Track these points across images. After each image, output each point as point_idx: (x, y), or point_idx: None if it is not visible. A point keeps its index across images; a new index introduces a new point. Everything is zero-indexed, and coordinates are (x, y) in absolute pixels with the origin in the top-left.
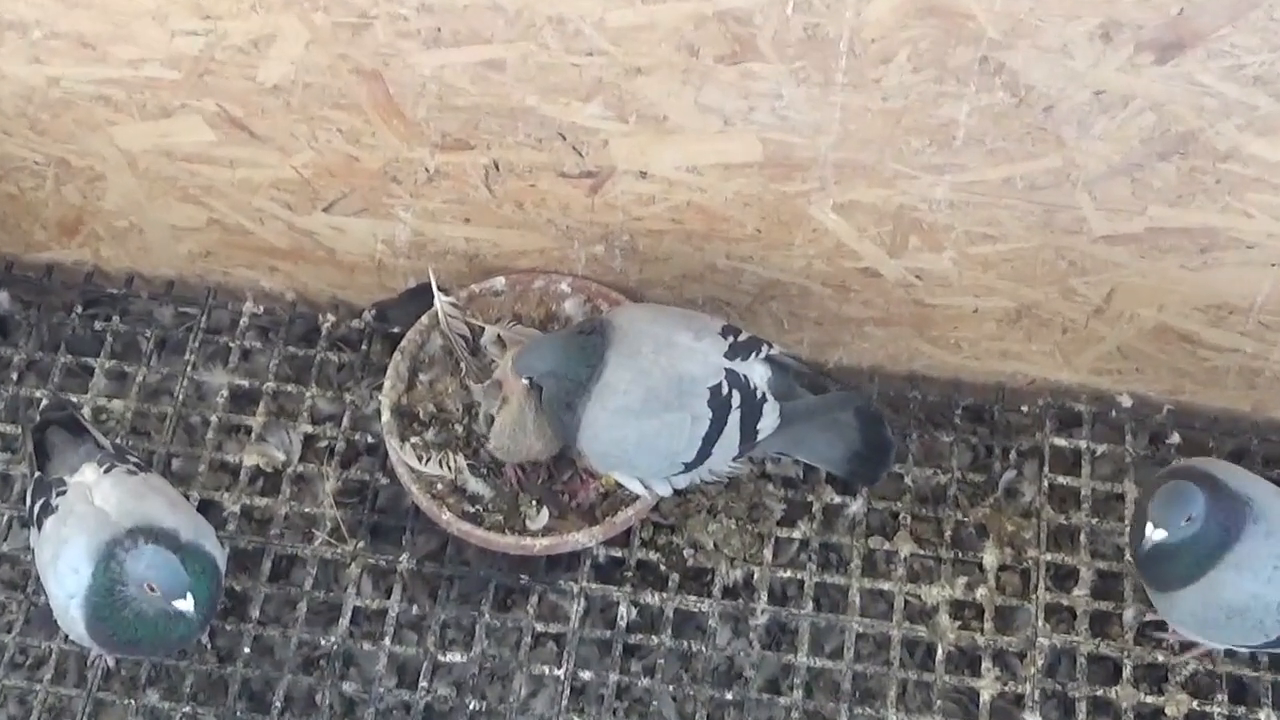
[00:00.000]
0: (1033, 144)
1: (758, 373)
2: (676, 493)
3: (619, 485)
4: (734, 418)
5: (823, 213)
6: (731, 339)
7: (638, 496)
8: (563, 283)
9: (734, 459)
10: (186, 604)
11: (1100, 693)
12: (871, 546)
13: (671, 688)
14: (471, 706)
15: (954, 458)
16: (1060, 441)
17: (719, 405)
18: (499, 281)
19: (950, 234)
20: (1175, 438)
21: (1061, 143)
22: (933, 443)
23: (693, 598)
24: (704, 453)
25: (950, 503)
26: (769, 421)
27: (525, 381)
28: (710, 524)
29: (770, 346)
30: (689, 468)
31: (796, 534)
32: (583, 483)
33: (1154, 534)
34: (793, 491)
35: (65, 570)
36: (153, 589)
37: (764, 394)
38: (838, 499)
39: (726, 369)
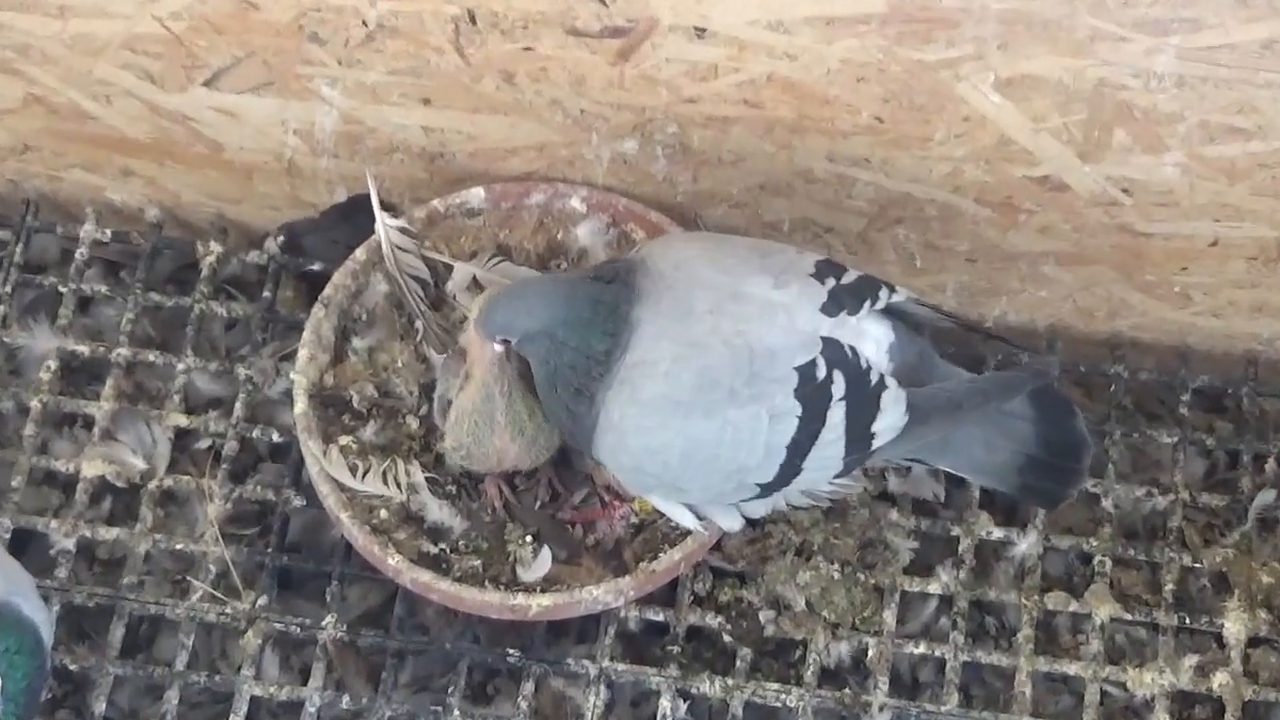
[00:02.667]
0: None
1: (873, 338)
2: (750, 524)
3: (658, 513)
4: (836, 414)
5: (979, 93)
6: (832, 282)
7: (688, 532)
8: (573, 197)
9: (836, 476)
10: None
11: None
12: (1050, 607)
13: None
14: None
15: (1179, 469)
16: None
17: (813, 395)
18: (476, 195)
19: (1177, 127)
20: None
21: None
22: (1146, 445)
23: (774, 685)
24: (790, 468)
25: (1173, 539)
26: (891, 418)
27: (498, 347)
28: (801, 572)
29: (892, 291)
30: (767, 490)
31: (934, 587)
32: (604, 508)
33: None
34: (928, 521)
35: None
36: None
37: (882, 375)
38: (998, 532)
39: (825, 338)
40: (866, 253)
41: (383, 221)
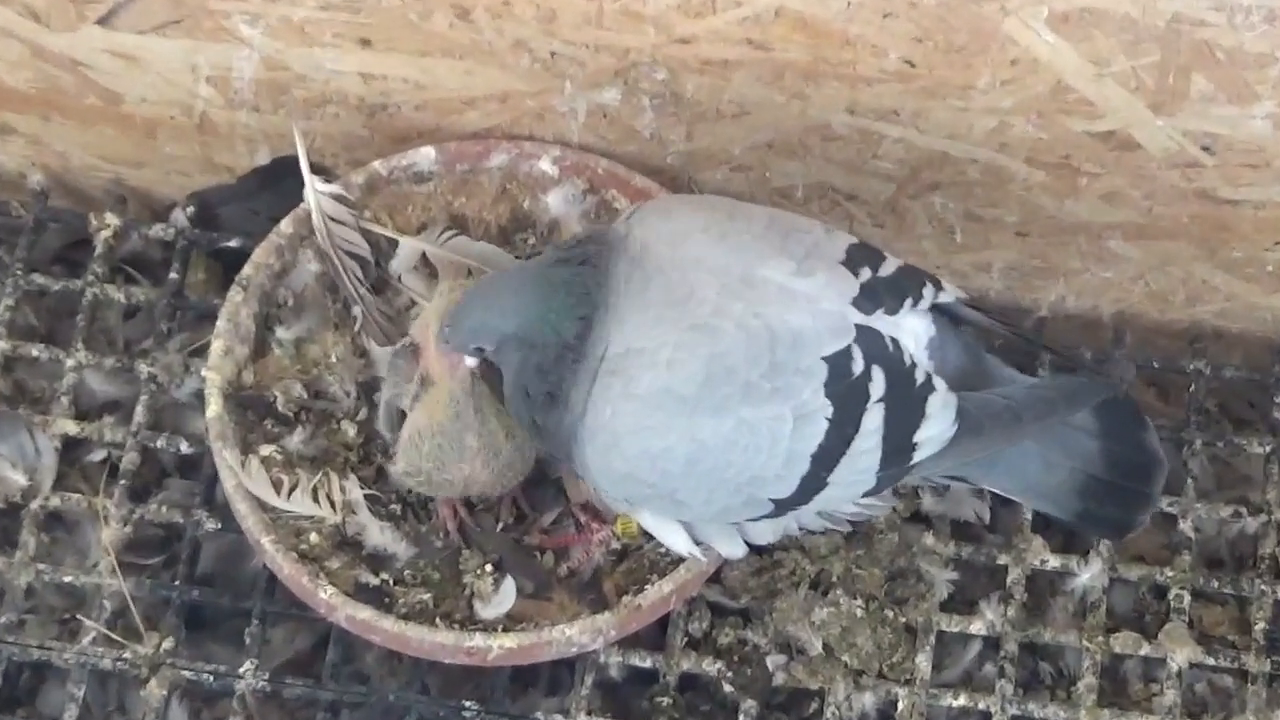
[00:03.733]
0: None
1: (912, 331)
2: (755, 551)
3: (645, 536)
4: (874, 418)
5: (1030, 30)
6: (866, 273)
7: (681, 559)
8: (543, 159)
9: (865, 494)
10: None
11: None
12: (1117, 650)
13: None
14: None
15: (1272, 485)
16: None
17: (847, 393)
18: (425, 156)
19: (1268, 71)
20: None
21: None
22: (1232, 457)
23: None
24: (814, 481)
25: (1265, 569)
26: (938, 426)
27: (471, 360)
28: (817, 608)
29: (939, 287)
30: (781, 508)
31: (977, 626)
32: (580, 531)
33: None
34: (970, 547)
35: None
36: None
37: (929, 374)
38: (1054, 561)
39: (859, 325)
40: (895, 225)
41: (313, 188)
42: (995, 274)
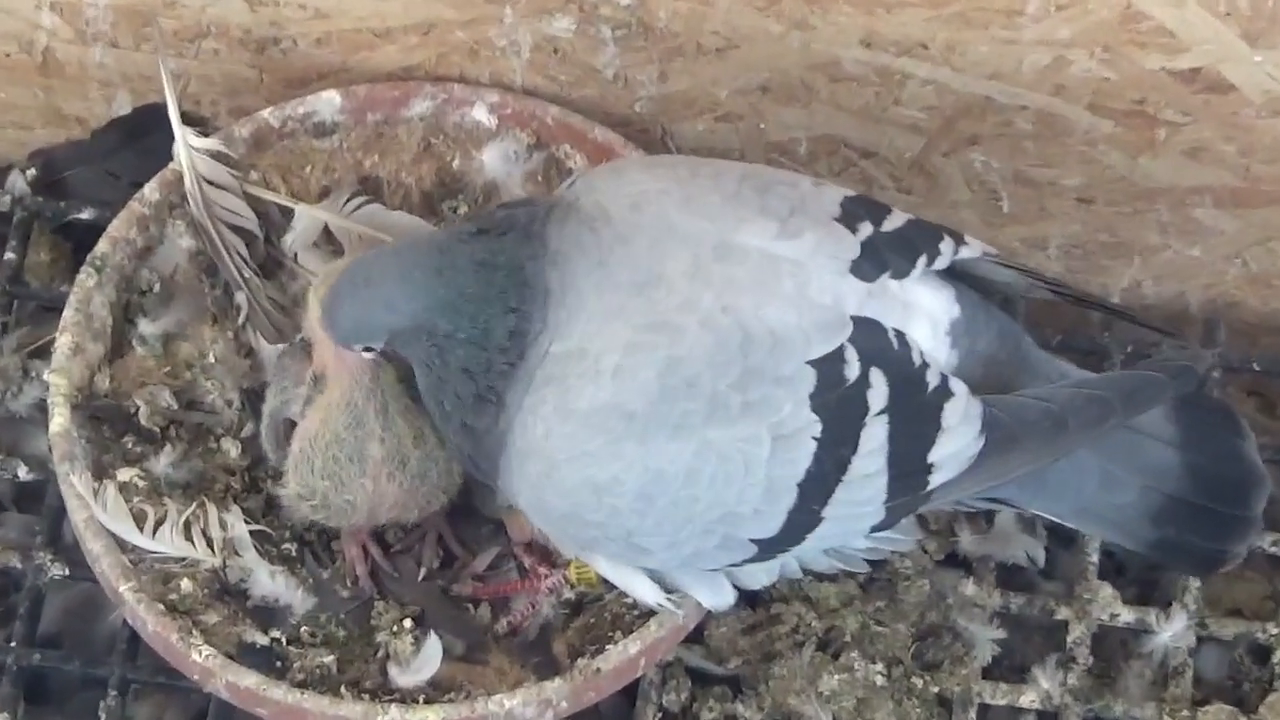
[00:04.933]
0: None
1: (928, 314)
2: (746, 601)
3: (606, 585)
4: (875, 434)
5: None
6: (867, 229)
7: (651, 612)
8: (477, 106)
9: (876, 528)
10: None
11: None
12: None
13: None
14: None
15: None
16: None
17: (838, 405)
18: (328, 103)
19: None
20: None
21: None
22: None
23: None
24: (804, 516)
25: None
26: (959, 441)
27: (367, 353)
28: (826, 675)
29: (960, 242)
30: (770, 549)
31: (1030, 698)
32: (525, 578)
33: None
34: (1021, 597)
35: None
36: None
37: (944, 375)
38: (1127, 614)
39: (857, 317)
40: (925, 189)
41: (186, 143)
42: (1052, 252)
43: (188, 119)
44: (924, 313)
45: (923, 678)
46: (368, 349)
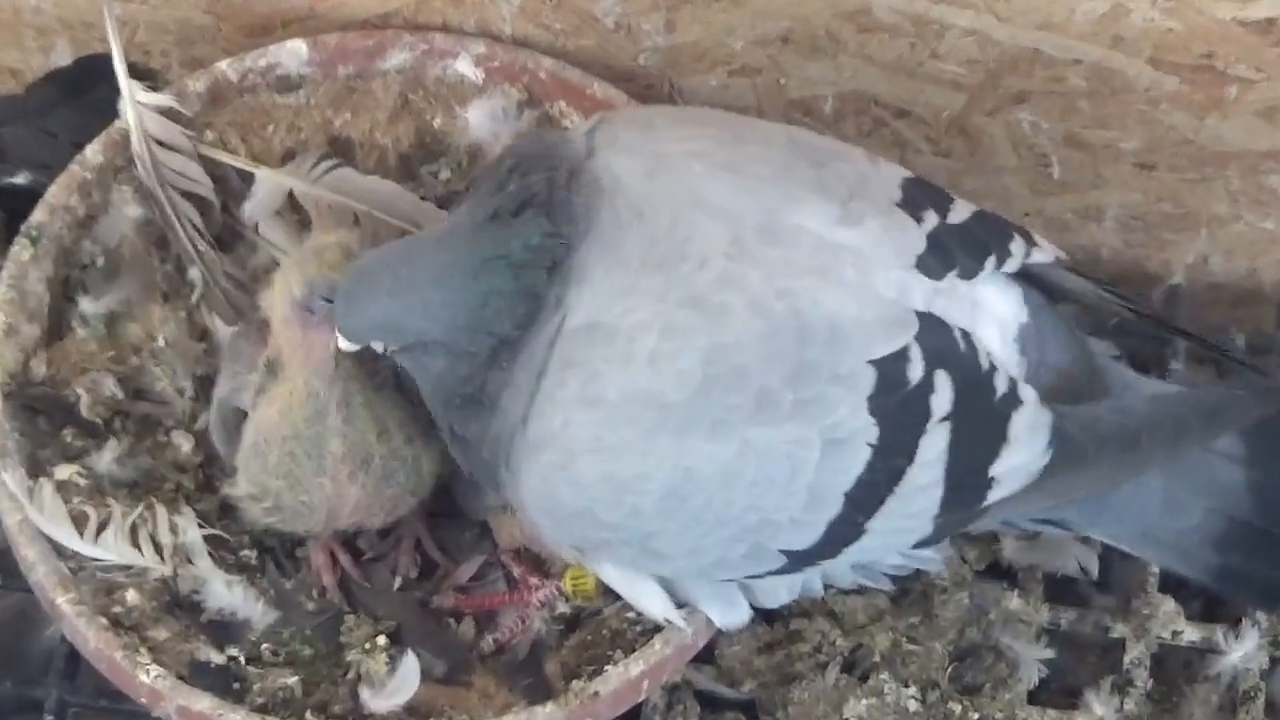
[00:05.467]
0: None
1: (996, 317)
2: (763, 617)
3: (606, 596)
4: (935, 443)
5: None
6: (933, 220)
7: (655, 629)
8: (462, 57)
9: (917, 544)
10: None
11: None
12: None
13: None
14: None
15: None
16: None
17: (898, 410)
18: (293, 54)
19: None
20: None
21: None
22: None
23: None
24: (847, 527)
25: None
26: (1025, 454)
27: (347, 344)
28: (854, 698)
29: (1031, 243)
30: (800, 561)
31: None
32: (514, 590)
33: None
34: (1072, 613)
35: None
36: None
37: (1014, 381)
38: (1191, 632)
39: (922, 313)
40: (966, 154)
41: (133, 99)
42: (1109, 224)
43: (135, 71)
44: (992, 316)
45: (961, 703)
46: (384, 348)
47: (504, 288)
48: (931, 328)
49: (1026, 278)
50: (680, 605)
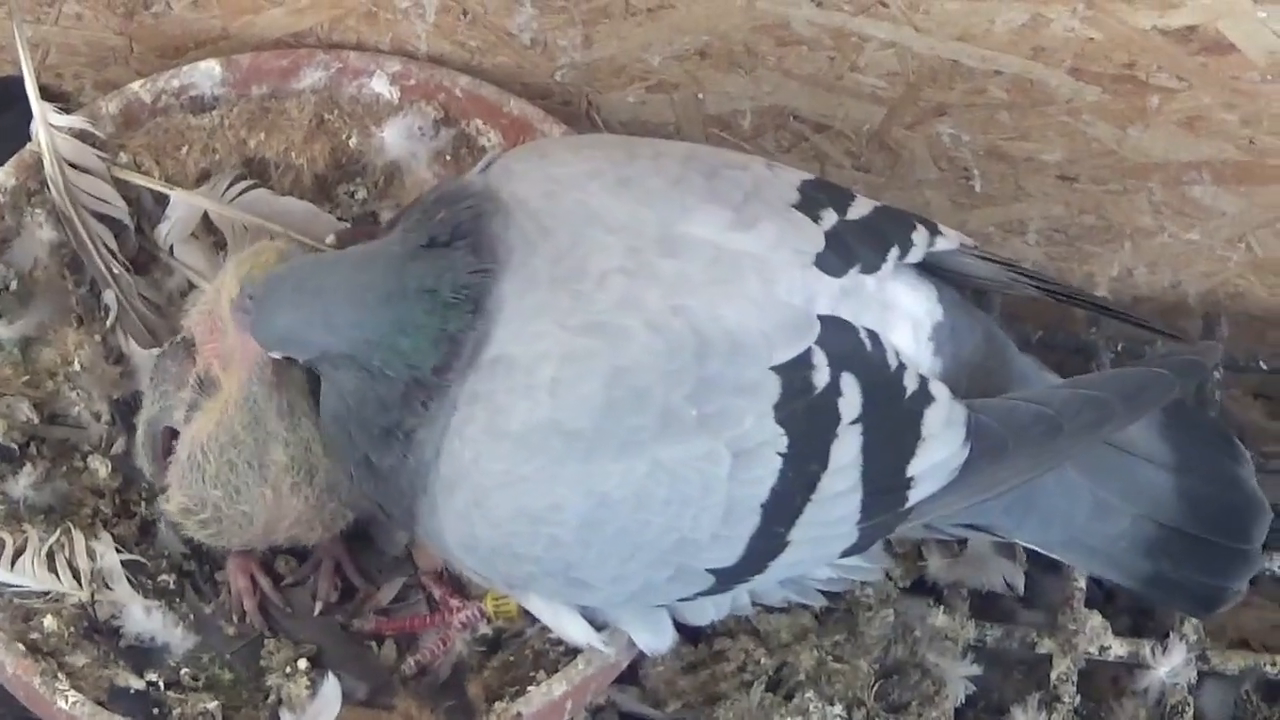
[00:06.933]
0: None
1: (906, 313)
2: (687, 637)
3: (527, 618)
4: (847, 447)
5: None
6: (831, 218)
7: (575, 651)
8: (378, 75)
9: (845, 554)
10: None
11: None
12: None
13: None
14: None
15: None
16: None
17: (806, 416)
18: (207, 74)
19: None
20: None
21: None
22: None
23: None
24: (768, 541)
25: None
26: (941, 450)
27: (274, 355)
28: (777, 717)
29: (935, 232)
30: (726, 580)
31: None
32: (435, 612)
33: None
34: (998, 629)
35: None
36: None
37: (924, 378)
38: (1118, 648)
39: (825, 316)
40: (887, 168)
41: (45, 121)
42: (1031, 238)
43: (47, 94)
44: (904, 314)
45: None
46: (306, 360)
47: (428, 324)
48: (835, 330)
49: (940, 274)
50: (601, 627)
